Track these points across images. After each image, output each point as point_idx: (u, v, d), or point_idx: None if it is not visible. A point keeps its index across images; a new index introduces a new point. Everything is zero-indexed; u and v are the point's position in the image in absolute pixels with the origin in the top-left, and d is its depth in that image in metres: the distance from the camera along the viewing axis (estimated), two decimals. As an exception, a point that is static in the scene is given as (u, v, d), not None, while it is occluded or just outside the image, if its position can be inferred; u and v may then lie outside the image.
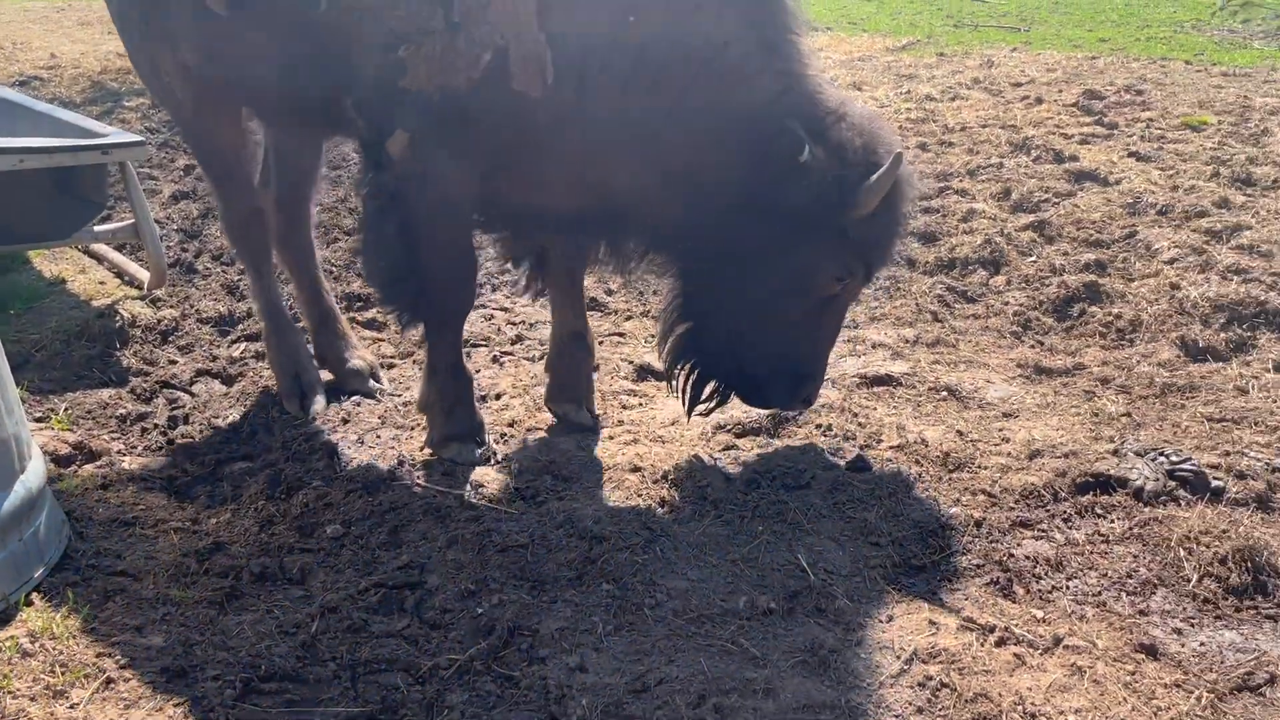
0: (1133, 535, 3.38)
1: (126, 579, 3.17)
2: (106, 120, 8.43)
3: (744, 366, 3.79)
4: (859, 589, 3.19)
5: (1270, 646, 2.91)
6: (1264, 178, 7.08)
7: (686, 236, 3.62)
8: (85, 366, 4.71)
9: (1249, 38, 14.15)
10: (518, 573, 3.23)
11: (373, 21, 3.36)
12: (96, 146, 5.16)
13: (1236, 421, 4.08)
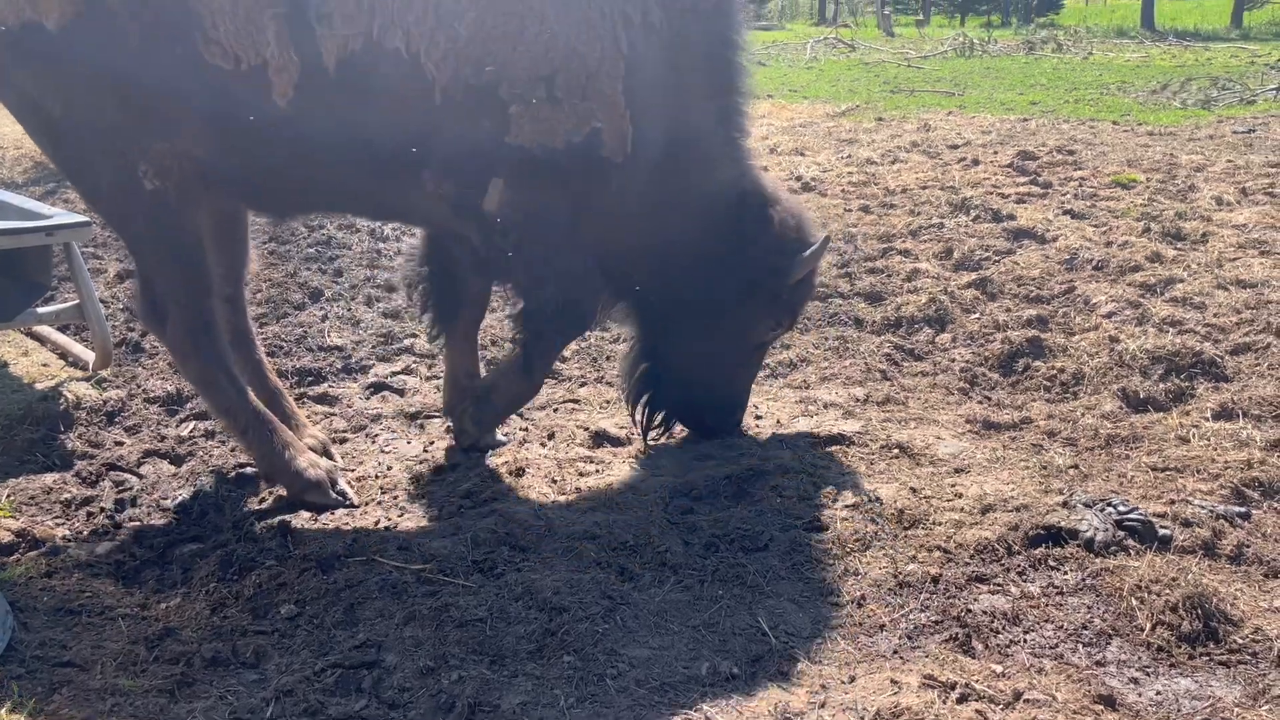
0: (1086, 586, 3.43)
1: (73, 669, 3.08)
2: (49, 201, 8.37)
3: (692, 400, 4.58)
4: (820, 650, 3.19)
5: (1225, 693, 2.96)
6: (1193, 232, 7.34)
7: (655, 291, 4.34)
8: (28, 450, 4.61)
9: (1170, 98, 14.73)
10: (477, 647, 3.19)
11: (485, 93, 3.76)
12: (41, 228, 5.12)
13: (1180, 470, 4.18)
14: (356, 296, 6.69)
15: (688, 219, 4.17)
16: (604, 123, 3.83)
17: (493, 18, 3.71)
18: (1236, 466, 4.11)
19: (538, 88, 3.75)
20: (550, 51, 3.74)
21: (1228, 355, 5.24)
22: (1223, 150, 10.49)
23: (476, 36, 3.71)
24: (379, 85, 3.74)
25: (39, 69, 3.74)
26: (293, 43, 3.66)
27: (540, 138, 3.81)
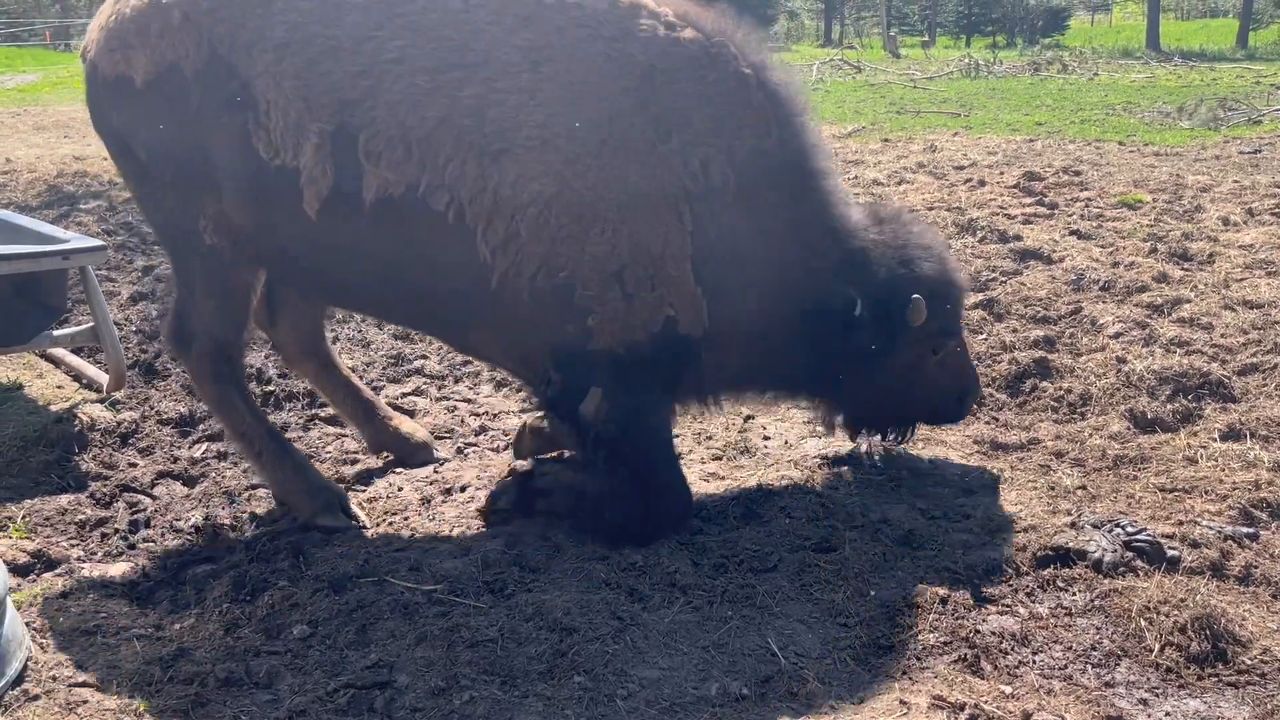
0: (1094, 607, 3.44)
1: (89, 690, 3.11)
2: (63, 224, 8.46)
3: (909, 418, 4.53)
4: (830, 671, 3.20)
5: (1234, 714, 2.96)
6: (1199, 252, 7.36)
7: (809, 382, 4.34)
8: (43, 472, 4.66)
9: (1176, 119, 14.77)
10: (488, 668, 3.21)
11: (561, 295, 3.75)
12: (57, 252, 5.18)
13: (1188, 491, 4.19)
14: (366, 319, 6.74)
15: (807, 335, 4.05)
16: (677, 306, 3.78)
17: (557, 218, 3.66)
18: (1244, 487, 4.12)
19: (612, 287, 3.71)
20: (616, 248, 3.69)
21: (1235, 376, 5.26)
22: (1229, 170, 10.52)
23: (540, 235, 3.68)
24: (418, 237, 3.79)
25: (129, 117, 4.08)
26: (331, 160, 3.75)
27: (621, 336, 3.77)
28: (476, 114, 3.66)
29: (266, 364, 5.84)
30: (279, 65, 3.77)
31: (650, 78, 3.74)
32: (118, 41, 4.00)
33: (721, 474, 4.63)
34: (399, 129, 3.68)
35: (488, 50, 3.72)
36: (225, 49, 3.84)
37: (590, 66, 3.73)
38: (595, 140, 3.67)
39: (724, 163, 3.77)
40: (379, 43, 3.73)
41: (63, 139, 14.10)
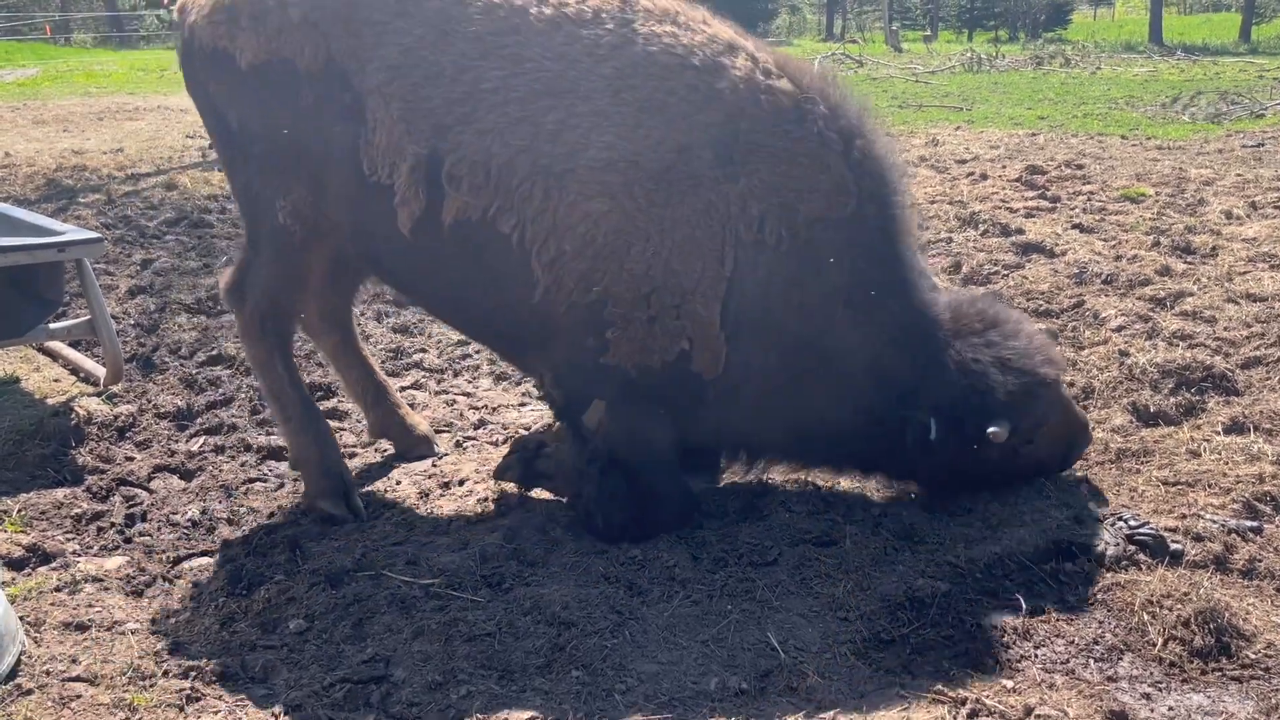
0: (1097, 601, 3.41)
1: (83, 684, 3.08)
2: (61, 217, 8.44)
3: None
4: (830, 665, 3.18)
5: (1238, 709, 2.93)
6: (1202, 246, 7.32)
7: (872, 471, 4.14)
8: (39, 466, 4.63)
9: (1179, 113, 14.73)
10: (485, 662, 3.19)
11: (591, 311, 3.72)
12: (53, 245, 5.16)
13: (1191, 484, 4.16)
14: (366, 311, 6.71)
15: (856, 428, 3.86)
16: (695, 342, 3.70)
17: (603, 235, 3.65)
18: (1248, 481, 4.08)
19: (640, 308, 3.68)
20: (651, 270, 3.65)
21: (1238, 369, 5.22)
22: (1232, 164, 10.48)
23: (584, 251, 3.67)
24: (487, 259, 3.80)
25: (227, 91, 4.13)
26: (424, 184, 3.78)
27: (636, 358, 3.74)
28: (553, 138, 3.68)
29: (264, 357, 5.80)
30: (389, 86, 3.80)
31: (734, 120, 3.67)
32: (225, 17, 4.01)
33: (721, 467, 4.60)
34: (483, 155, 3.70)
35: (577, 79, 3.72)
36: (342, 59, 3.87)
37: (672, 95, 3.69)
38: (660, 166, 3.63)
39: (781, 222, 3.65)
40: (479, 72, 3.75)
41: (62, 133, 14.07)
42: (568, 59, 3.74)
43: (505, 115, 3.70)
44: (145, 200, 9.71)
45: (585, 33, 3.77)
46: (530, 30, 3.78)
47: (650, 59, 3.73)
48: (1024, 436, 3.87)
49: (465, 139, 3.72)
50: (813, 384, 3.80)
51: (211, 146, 5.17)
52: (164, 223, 8.90)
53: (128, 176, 10.91)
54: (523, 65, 3.73)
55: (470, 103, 3.73)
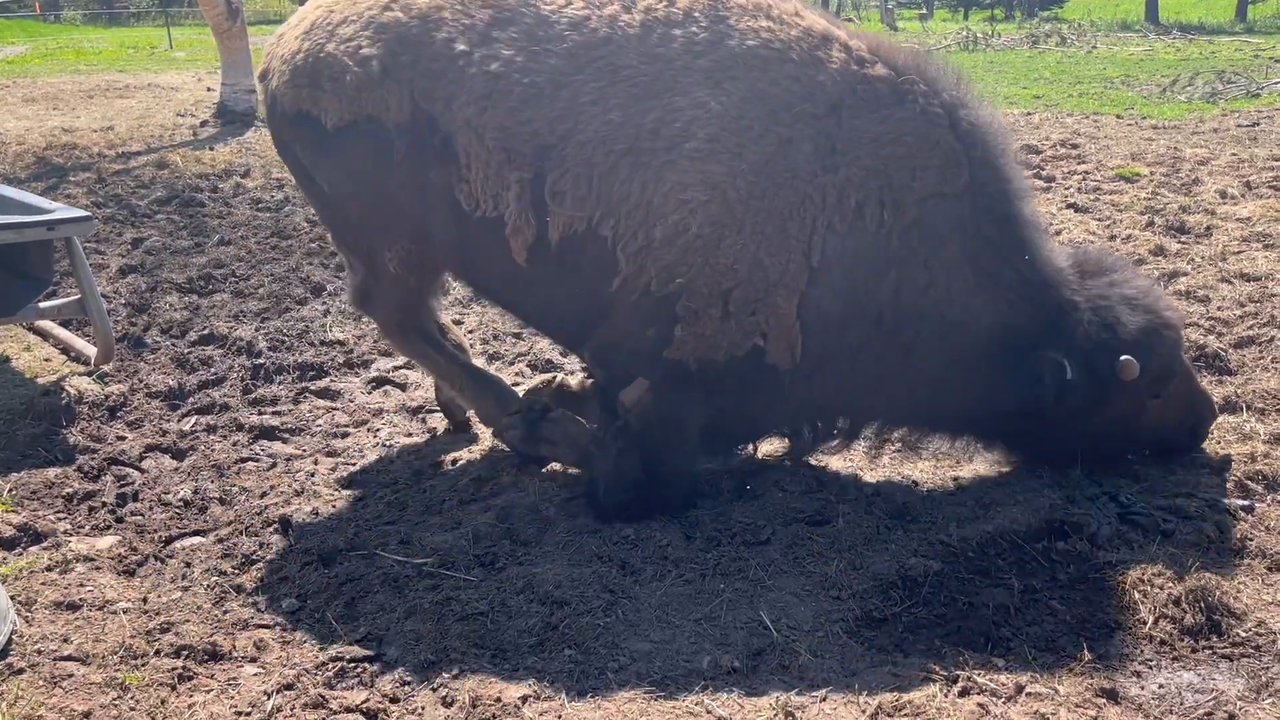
0: (1088, 580, 3.42)
1: (74, 663, 3.08)
2: (51, 196, 8.38)
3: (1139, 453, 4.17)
4: (822, 644, 3.18)
5: (1228, 686, 2.95)
6: (1196, 225, 7.32)
7: (997, 439, 4.12)
8: (30, 445, 4.62)
9: (1175, 92, 14.69)
10: (478, 641, 3.19)
11: (663, 304, 3.69)
12: (42, 223, 5.12)
13: (1183, 464, 4.16)
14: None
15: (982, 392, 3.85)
16: (771, 338, 3.68)
17: (698, 224, 3.61)
18: (1240, 459, 4.09)
19: (715, 304, 3.65)
20: (738, 262, 3.62)
21: (1231, 349, 5.23)
22: (1227, 144, 10.46)
23: (673, 240, 3.63)
24: (586, 265, 3.79)
25: (315, 154, 4.15)
26: (532, 208, 3.76)
27: (701, 353, 3.72)
28: (654, 134, 3.65)
29: (257, 336, 5.79)
30: (480, 117, 3.78)
31: (836, 111, 3.66)
32: (306, 80, 4.00)
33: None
34: (585, 167, 3.69)
35: (674, 77, 3.70)
36: (427, 102, 3.84)
37: (775, 86, 3.67)
38: (762, 158, 3.61)
39: (885, 205, 3.64)
40: (577, 86, 3.73)
41: (51, 111, 13.96)
42: (664, 59, 3.72)
43: (608, 123, 3.67)
44: (136, 179, 9.64)
45: (679, 32, 3.75)
46: (623, 38, 3.76)
47: (750, 52, 3.71)
48: (1153, 379, 3.83)
49: (568, 153, 3.70)
50: (938, 351, 3.77)
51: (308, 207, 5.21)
52: (155, 201, 8.84)
53: (118, 155, 10.83)
54: (620, 73, 3.72)
55: (571, 118, 3.71)
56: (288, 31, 4.21)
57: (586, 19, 3.81)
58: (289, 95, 4.06)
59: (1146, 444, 4.12)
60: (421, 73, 3.83)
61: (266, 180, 9.61)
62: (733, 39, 3.73)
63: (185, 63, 20.06)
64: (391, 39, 3.88)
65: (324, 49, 3.97)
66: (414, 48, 3.86)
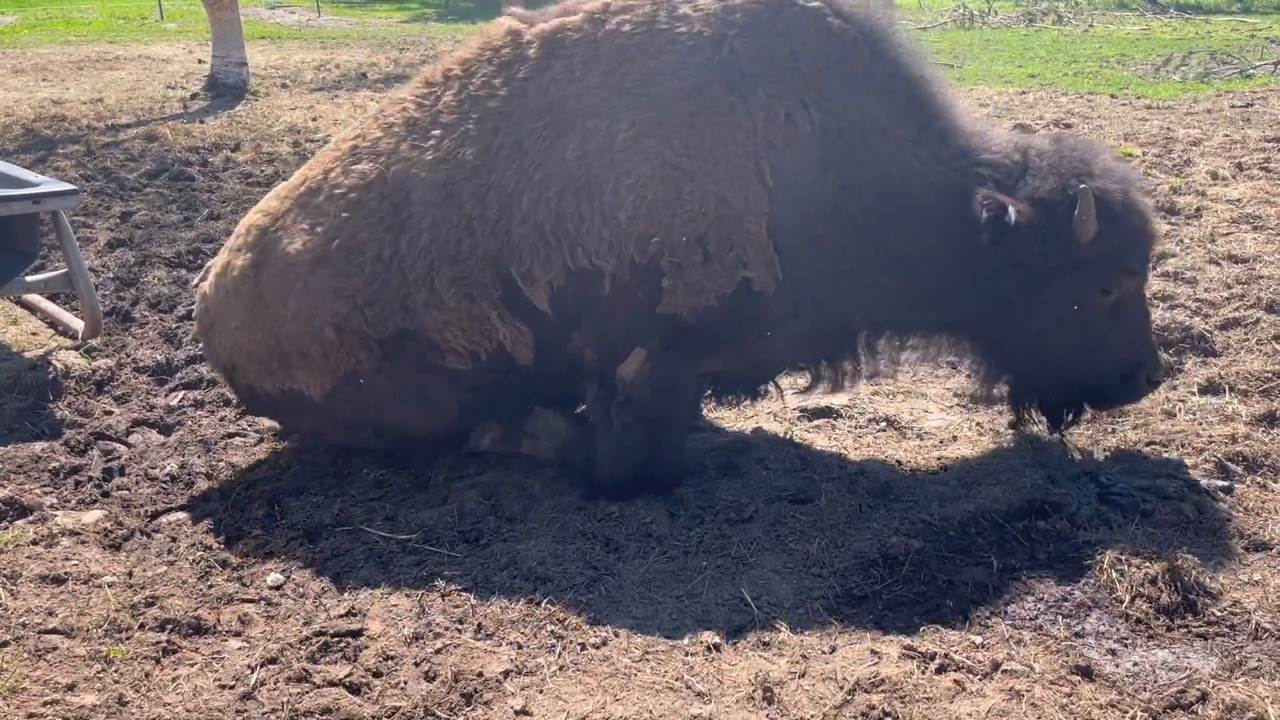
0: (1067, 559, 3.45)
1: (59, 636, 3.10)
2: (39, 168, 8.33)
3: (1072, 385, 4.09)
4: (802, 621, 3.21)
5: (1201, 664, 2.98)
6: (1187, 207, 7.32)
7: (951, 315, 4.04)
8: (16, 419, 4.62)
9: (1169, 72, 14.65)
10: (461, 617, 3.22)
11: (648, 268, 3.77)
12: (28, 196, 5.09)
13: (1165, 444, 4.19)
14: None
15: (924, 253, 3.87)
16: (752, 266, 3.76)
17: (653, 190, 3.73)
18: (1221, 441, 4.12)
19: (695, 250, 3.74)
20: (704, 206, 3.73)
21: (1217, 330, 5.24)
22: (1220, 125, 10.44)
23: (638, 214, 3.74)
24: (586, 296, 3.86)
25: (308, 418, 4.22)
26: (514, 314, 3.88)
27: (693, 301, 3.78)
28: (581, 158, 3.79)
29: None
30: (434, 249, 3.91)
31: (725, 44, 3.79)
32: (278, 364, 4.05)
33: (700, 425, 4.61)
34: (539, 240, 3.83)
35: (571, 110, 3.86)
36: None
37: (660, 56, 3.83)
38: (683, 115, 3.76)
39: (809, 106, 3.77)
40: (498, 186, 3.87)
41: (40, 82, 13.83)
42: (555, 104, 3.89)
43: (541, 185, 3.81)
44: (125, 152, 9.58)
45: (558, 66, 3.92)
46: (506, 114, 3.92)
47: (620, 49, 3.87)
48: (1107, 254, 3.77)
49: (518, 242, 3.81)
50: (897, 232, 3.84)
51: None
52: (144, 175, 8.79)
53: (108, 127, 10.75)
54: (523, 145, 3.87)
55: (508, 216, 3.84)
56: (236, 325, 4.12)
57: (461, 128, 3.95)
58: (269, 382, 4.10)
59: (1088, 367, 3.98)
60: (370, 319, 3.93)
61: (257, 154, 9.56)
62: (606, 44, 3.89)
63: (176, 34, 19.88)
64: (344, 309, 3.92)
65: (274, 331, 4.00)
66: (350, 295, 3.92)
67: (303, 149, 9.73)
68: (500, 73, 4.00)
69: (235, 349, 4.12)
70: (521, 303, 3.86)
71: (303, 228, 4.01)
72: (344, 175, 4.03)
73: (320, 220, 3.99)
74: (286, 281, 3.97)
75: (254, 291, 4.03)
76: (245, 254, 4.10)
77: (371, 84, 13.85)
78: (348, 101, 12.42)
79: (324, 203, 4.02)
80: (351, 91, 13.24)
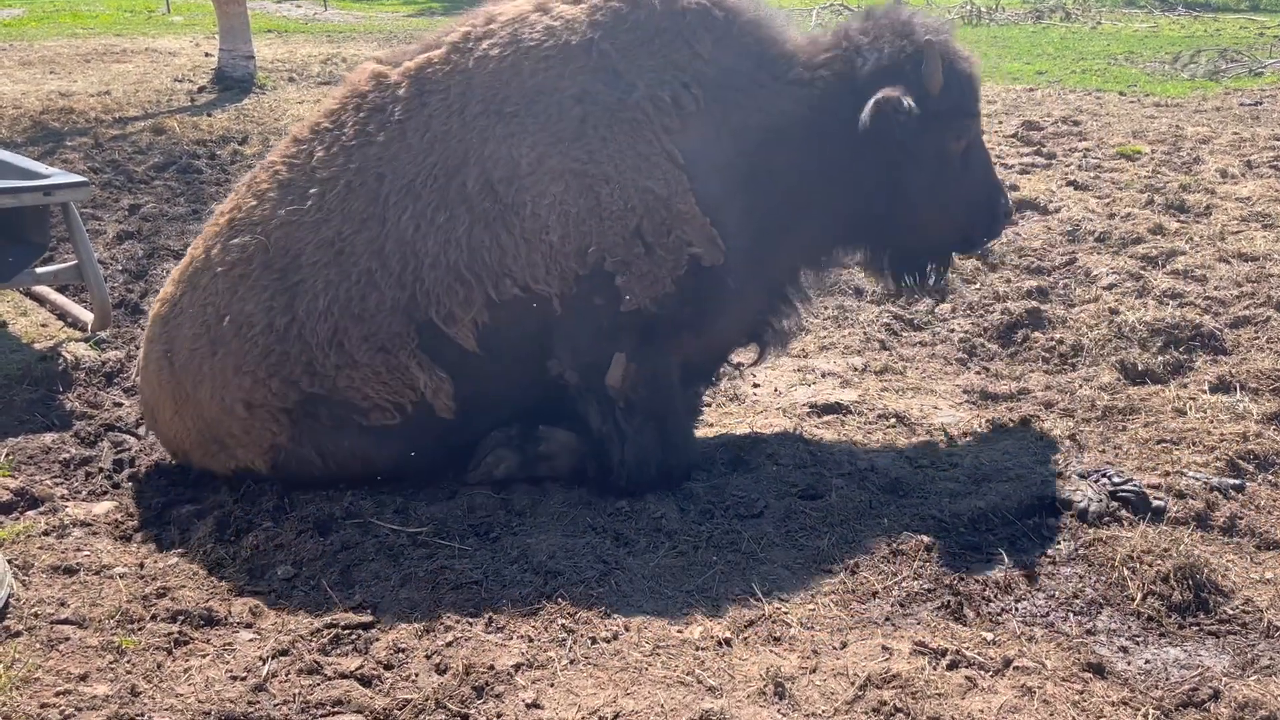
0: (1078, 556, 3.45)
1: (71, 627, 3.10)
2: (48, 161, 8.33)
3: (946, 239, 4.38)
4: (813, 616, 3.21)
5: (1213, 662, 2.98)
6: (1196, 204, 7.30)
7: (850, 214, 4.19)
8: (27, 411, 4.62)
9: (1178, 70, 14.61)
10: (472, 610, 3.22)
11: (594, 276, 3.82)
12: (38, 188, 5.10)
13: (1175, 442, 4.18)
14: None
15: (823, 172, 4.04)
16: (696, 242, 3.83)
17: (573, 203, 3.77)
18: (1232, 439, 4.11)
19: (634, 244, 3.79)
20: (629, 202, 3.79)
21: (1227, 328, 5.24)
22: (1229, 123, 10.41)
23: (567, 231, 3.78)
24: (526, 324, 3.85)
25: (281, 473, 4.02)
26: (433, 361, 3.83)
27: (651, 290, 3.82)
28: (485, 187, 3.80)
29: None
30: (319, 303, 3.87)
31: (594, 47, 3.87)
32: (217, 447, 3.98)
33: (710, 421, 4.61)
34: (450, 278, 3.83)
35: (461, 141, 3.84)
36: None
37: (537, 75, 3.88)
38: (573, 126, 3.82)
39: (688, 86, 3.87)
40: (390, 229, 3.84)
41: (48, 75, 13.84)
42: (438, 140, 3.86)
43: (443, 227, 3.79)
44: (133, 144, 9.59)
45: (434, 101, 3.90)
46: (389, 162, 3.88)
47: (495, 74, 3.90)
48: (954, 114, 4.04)
49: (433, 284, 3.79)
50: (800, 168, 4.00)
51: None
52: (152, 167, 8.79)
53: (115, 120, 10.76)
54: (414, 188, 3.84)
55: (412, 256, 3.81)
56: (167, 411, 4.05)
57: (342, 181, 3.88)
58: (217, 464, 4.03)
59: (959, 217, 4.26)
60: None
61: (264, 148, 9.55)
62: (475, 77, 3.90)
63: (183, 27, 19.90)
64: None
65: (203, 415, 3.94)
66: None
67: (310, 142, 9.72)
68: (373, 118, 3.94)
69: (177, 437, 4.08)
70: (445, 345, 3.82)
71: (195, 311, 3.93)
72: (224, 252, 3.92)
73: (210, 299, 3.90)
74: (195, 365, 3.90)
75: (173, 381, 3.96)
76: (157, 345, 4.03)
77: (378, 78, 13.81)
78: (355, 95, 12.39)
79: (210, 282, 3.93)
80: (358, 85, 13.21)
